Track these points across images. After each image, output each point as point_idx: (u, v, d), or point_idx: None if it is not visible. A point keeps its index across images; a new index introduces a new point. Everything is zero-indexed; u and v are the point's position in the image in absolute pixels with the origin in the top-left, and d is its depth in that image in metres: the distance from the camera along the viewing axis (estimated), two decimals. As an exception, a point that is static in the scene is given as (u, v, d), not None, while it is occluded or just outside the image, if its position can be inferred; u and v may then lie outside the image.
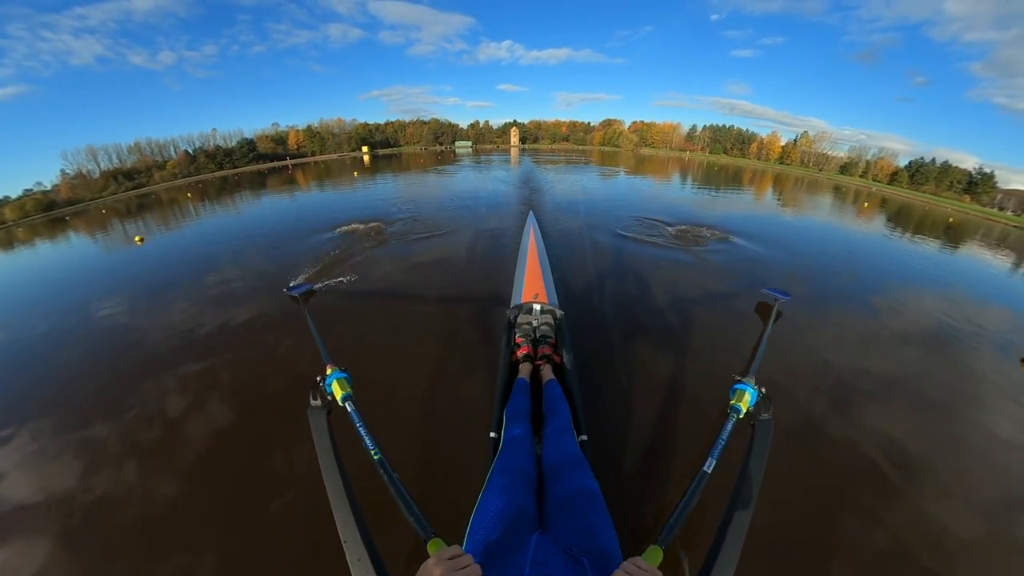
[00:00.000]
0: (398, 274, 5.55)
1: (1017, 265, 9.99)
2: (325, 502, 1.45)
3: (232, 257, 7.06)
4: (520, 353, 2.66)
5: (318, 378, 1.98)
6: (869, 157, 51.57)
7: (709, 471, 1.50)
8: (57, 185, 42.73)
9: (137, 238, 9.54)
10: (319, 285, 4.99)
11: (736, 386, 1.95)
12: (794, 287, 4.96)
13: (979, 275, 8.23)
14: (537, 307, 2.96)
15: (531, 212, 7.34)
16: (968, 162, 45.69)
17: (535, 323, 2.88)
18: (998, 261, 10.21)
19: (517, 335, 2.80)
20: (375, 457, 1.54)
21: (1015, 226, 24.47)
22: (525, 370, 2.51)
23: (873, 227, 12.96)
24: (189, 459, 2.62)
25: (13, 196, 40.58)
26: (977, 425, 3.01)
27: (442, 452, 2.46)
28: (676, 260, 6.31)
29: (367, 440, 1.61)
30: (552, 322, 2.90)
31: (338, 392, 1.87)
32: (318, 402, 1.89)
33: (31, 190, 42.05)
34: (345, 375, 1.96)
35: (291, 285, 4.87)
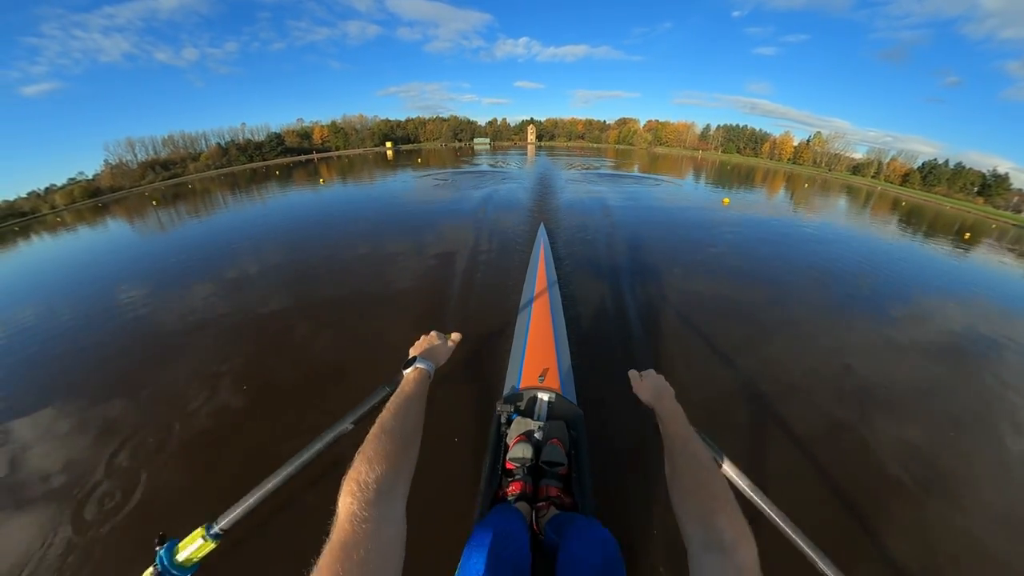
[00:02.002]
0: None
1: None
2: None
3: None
4: (511, 491, 1.62)
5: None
6: (887, 159, 51.16)
7: None
8: (98, 174, 44.58)
9: (320, 179, 17.84)
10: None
11: None
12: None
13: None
14: (544, 398, 2.02)
15: (542, 226, 5.75)
16: (1002, 166, 44.81)
17: (537, 434, 1.84)
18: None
19: (508, 455, 1.74)
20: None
21: (1015, 224, 25.18)
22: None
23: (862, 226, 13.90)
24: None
25: (58, 184, 42.69)
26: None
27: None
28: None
29: (273, 482, 1.05)
30: (565, 434, 1.85)
31: (197, 550, 1.06)
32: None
33: (74, 179, 43.99)
34: (175, 540, 1.09)
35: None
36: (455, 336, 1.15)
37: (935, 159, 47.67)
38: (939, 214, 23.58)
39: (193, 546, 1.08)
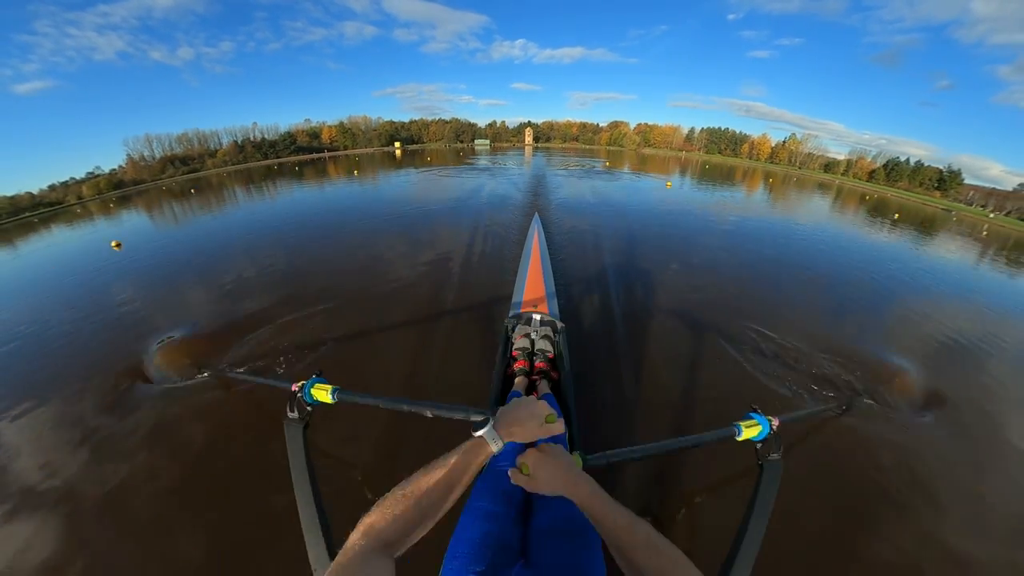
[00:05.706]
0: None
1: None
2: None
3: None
4: (516, 367, 2.40)
5: (294, 387, 1.64)
6: (861, 158, 54.16)
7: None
8: (116, 169, 45.62)
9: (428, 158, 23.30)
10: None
11: (750, 413, 1.61)
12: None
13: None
14: (537, 317, 2.66)
15: (536, 215, 6.66)
16: (993, 169, 45.24)
17: (533, 335, 2.56)
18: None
19: (514, 347, 2.55)
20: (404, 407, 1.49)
21: (943, 208, 31.63)
22: (520, 384, 2.28)
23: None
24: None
25: (78, 177, 43.59)
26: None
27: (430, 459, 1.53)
28: (690, 265, 6.05)
29: (379, 402, 1.54)
30: (551, 335, 2.58)
31: (323, 395, 1.60)
32: (295, 414, 1.61)
33: (92, 172, 44.85)
34: (323, 379, 1.68)
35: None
36: (558, 425, 0.83)
37: (897, 157, 51.52)
38: (882, 201, 26.49)
39: (323, 392, 1.61)
